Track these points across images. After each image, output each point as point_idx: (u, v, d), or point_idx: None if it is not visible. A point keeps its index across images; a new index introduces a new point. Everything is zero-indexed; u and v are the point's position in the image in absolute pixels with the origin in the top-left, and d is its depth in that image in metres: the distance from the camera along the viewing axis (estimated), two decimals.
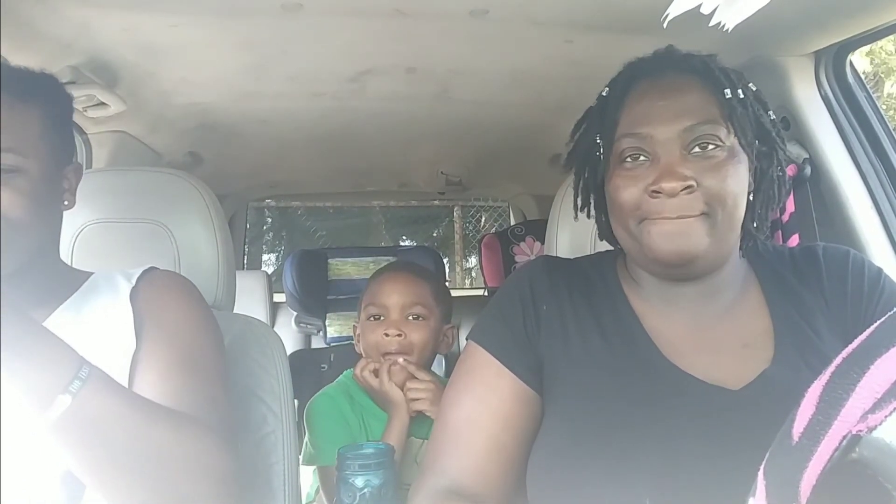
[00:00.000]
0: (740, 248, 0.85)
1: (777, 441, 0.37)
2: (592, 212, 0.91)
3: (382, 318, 1.35)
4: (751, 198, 0.81)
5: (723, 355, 0.79)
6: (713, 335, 0.81)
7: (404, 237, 6.05)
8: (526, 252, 2.28)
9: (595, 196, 0.88)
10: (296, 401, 1.13)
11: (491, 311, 0.89)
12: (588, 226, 1.12)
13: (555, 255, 1.14)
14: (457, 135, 1.94)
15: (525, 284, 0.87)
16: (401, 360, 1.30)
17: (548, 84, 1.51)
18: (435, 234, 6.12)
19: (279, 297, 2.49)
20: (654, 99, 0.79)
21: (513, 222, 2.94)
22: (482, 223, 5.70)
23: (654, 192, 0.76)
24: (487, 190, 3.15)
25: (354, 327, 1.43)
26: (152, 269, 0.93)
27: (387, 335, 1.32)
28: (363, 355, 1.37)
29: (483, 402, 0.82)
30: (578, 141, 0.89)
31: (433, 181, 2.49)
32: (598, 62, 1.37)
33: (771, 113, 0.83)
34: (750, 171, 0.80)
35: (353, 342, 1.42)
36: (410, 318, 1.34)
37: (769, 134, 0.81)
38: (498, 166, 2.37)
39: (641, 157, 0.78)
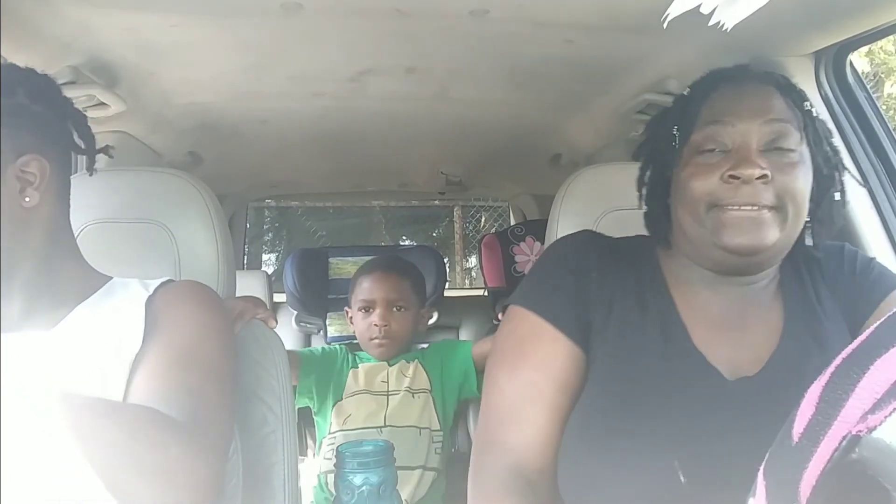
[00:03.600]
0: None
1: (777, 441, 0.37)
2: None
3: (371, 310, 1.64)
4: (807, 218, 0.83)
5: (744, 344, 0.82)
6: (740, 326, 0.84)
7: (404, 237, 6.05)
8: (526, 252, 2.28)
9: (660, 187, 0.89)
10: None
11: (538, 277, 0.90)
12: (588, 227, 1.12)
13: None
14: (457, 135, 1.94)
15: (572, 252, 0.90)
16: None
17: (548, 84, 1.51)
18: (435, 234, 6.11)
19: (279, 297, 2.49)
20: (738, 95, 0.83)
21: (513, 222, 2.93)
22: (482, 223, 5.70)
23: (730, 176, 0.78)
24: (487, 190, 3.15)
25: (347, 311, 1.75)
26: (170, 280, 0.94)
27: (375, 325, 1.62)
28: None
29: (541, 369, 0.82)
30: (652, 133, 0.92)
31: (433, 181, 2.49)
32: (598, 62, 1.38)
33: (835, 141, 0.87)
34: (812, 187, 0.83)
35: (346, 322, 1.76)
36: (394, 309, 1.64)
37: (835, 156, 0.85)
38: (498, 166, 2.37)
39: (718, 149, 0.82)
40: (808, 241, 0.85)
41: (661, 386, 0.78)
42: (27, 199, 0.82)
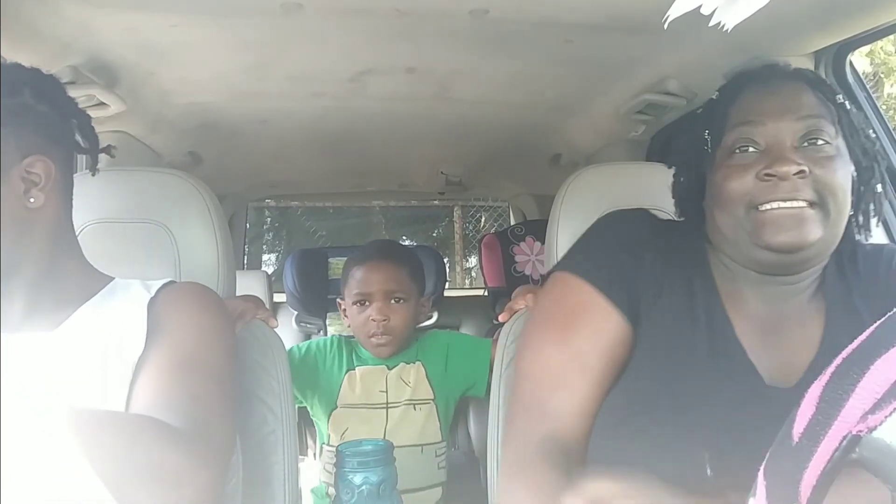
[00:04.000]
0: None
1: (777, 441, 0.37)
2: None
3: (367, 303, 1.49)
4: (851, 211, 0.82)
5: (784, 349, 0.81)
6: (780, 329, 0.83)
7: (404, 237, 6.04)
8: (526, 252, 2.28)
9: (695, 193, 0.88)
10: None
11: (591, 246, 0.89)
12: (588, 226, 1.12)
13: (555, 255, 1.14)
14: (457, 135, 1.94)
15: (630, 227, 0.88)
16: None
17: (548, 84, 1.51)
18: (435, 234, 6.11)
19: (279, 297, 2.49)
20: (767, 94, 0.82)
21: (513, 222, 2.93)
22: (482, 223, 5.69)
23: (766, 175, 0.77)
24: (487, 190, 3.15)
25: (339, 303, 1.59)
26: (171, 281, 0.94)
27: (373, 320, 1.47)
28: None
29: (591, 341, 0.81)
30: (682, 139, 0.91)
31: (433, 181, 2.49)
32: (598, 62, 1.38)
33: (871, 132, 0.86)
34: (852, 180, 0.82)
35: (341, 316, 1.60)
36: (393, 301, 1.49)
37: (873, 147, 0.84)
38: (498, 166, 2.37)
39: (751, 149, 0.80)
40: (858, 237, 0.84)
41: (702, 378, 0.78)
42: (32, 200, 0.82)
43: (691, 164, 0.89)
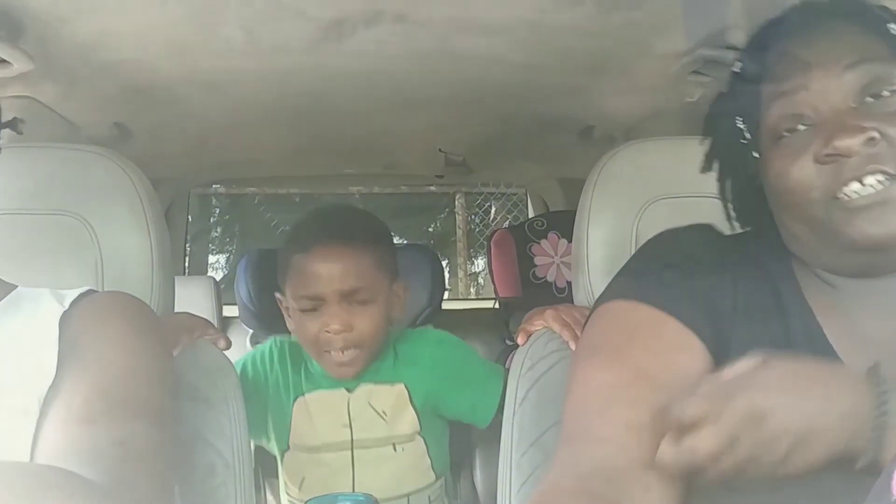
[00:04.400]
0: None
1: (872, 497, 0.37)
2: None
3: (318, 309, 1.34)
4: None
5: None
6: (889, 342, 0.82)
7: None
8: (548, 252, 2.28)
9: (751, 197, 0.88)
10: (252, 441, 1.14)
11: (654, 267, 0.89)
12: (629, 220, 1.12)
13: (586, 257, 1.14)
14: (460, 102, 1.95)
15: (698, 245, 0.90)
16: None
17: (576, 36, 1.51)
18: (431, 230, 6.14)
19: (230, 311, 2.49)
20: (800, 47, 0.80)
21: (531, 214, 2.94)
22: (492, 215, 5.71)
23: (827, 155, 0.76)
24: (498, 173, 3.16)
25: (280, 300, 1.44)
26: (90, 291, 0.94)
27: (328, 332, 1.33)
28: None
29: (658, 359, 0.81)
30: (715, 134, 0.91)
31: (429, 161, 2.50)
32: (642, 7, 1.38)
33: None
34: None
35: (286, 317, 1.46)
36: (355, 304, 1.34)
37: None
38: (512, 142, 2.37)
39: (800, 126, 0.79)
40: None
41: None
42: None
43: (734, 161, 0.88)
